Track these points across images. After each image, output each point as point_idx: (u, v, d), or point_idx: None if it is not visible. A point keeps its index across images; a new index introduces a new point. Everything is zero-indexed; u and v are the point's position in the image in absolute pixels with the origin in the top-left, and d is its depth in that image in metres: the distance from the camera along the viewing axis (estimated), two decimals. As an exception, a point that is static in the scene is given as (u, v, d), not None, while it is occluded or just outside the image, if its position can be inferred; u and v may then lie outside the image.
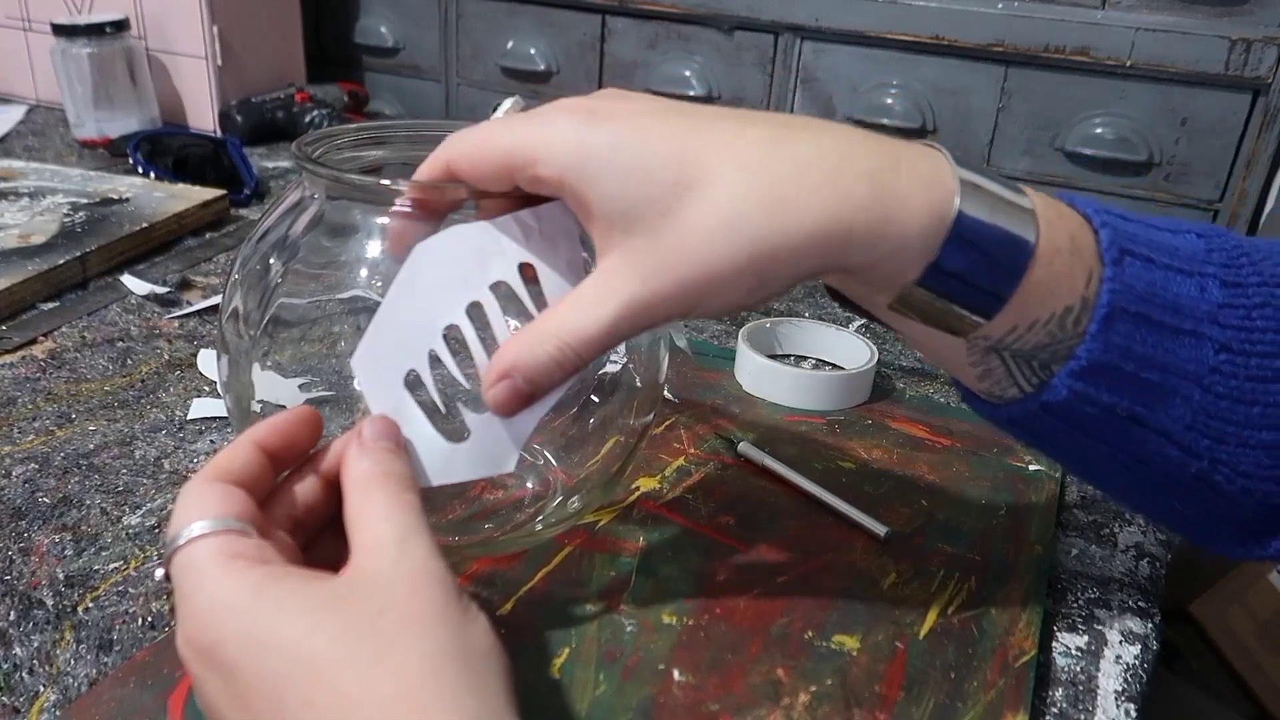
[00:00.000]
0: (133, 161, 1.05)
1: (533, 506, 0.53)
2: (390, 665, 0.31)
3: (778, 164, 0.36)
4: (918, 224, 0.36)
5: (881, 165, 0.37)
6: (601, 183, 0.36)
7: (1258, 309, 0.40)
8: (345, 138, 0.48)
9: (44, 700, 0.48)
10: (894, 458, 0.62)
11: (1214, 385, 0.39)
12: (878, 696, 0.43)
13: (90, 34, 1.12)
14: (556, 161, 0.37)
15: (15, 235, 0.83)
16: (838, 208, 0.36)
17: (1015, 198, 0.38)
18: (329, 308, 0.47)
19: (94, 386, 0.66)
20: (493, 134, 0.39)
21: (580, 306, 0.38)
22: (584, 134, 0.37)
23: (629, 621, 0.47)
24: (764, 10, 1.09)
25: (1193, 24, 0.92)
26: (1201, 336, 0.39)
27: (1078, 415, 0.40)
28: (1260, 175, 0.94)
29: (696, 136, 0.37)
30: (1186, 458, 0.40)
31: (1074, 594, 0.52)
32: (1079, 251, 0.38)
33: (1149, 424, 0.40)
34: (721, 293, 0.37)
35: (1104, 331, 0.38)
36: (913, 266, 0.37)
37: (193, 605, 0.33)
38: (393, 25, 1.34)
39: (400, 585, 0.33)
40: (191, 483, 0.37)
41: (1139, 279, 0.38)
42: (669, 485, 0.57)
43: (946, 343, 0.40)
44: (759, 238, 0.35)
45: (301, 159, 0.44)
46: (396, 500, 0.36)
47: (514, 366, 0.38)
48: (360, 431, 0.38)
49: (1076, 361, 0.38)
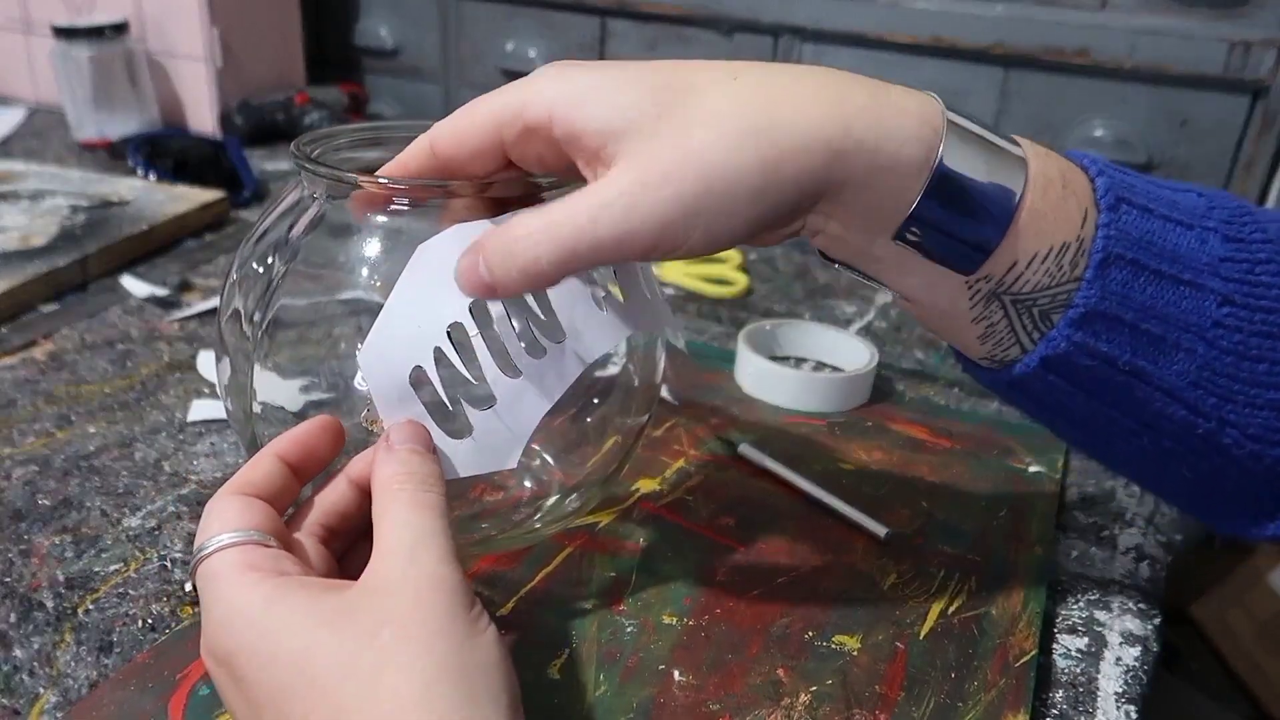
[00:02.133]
0: (133, 163, 1.05)
1: (531, 506, 0.53)
2: (387, 681, 0.31)
3: (771, 74, 0.37)
4: (913, 130, 0.36)
5: (873, 84, 0.38)
6: (591, 104, 0.36)
7: (1261, 265, 0.39)
8: (344, 138, 0.49)
9: (44, 702, 0.48)
10: (894, 459, 0.62)
11: (1218, 340, 0.39)
12: (878, 696, 0.43)
13: (90, 36, 1.11)
14: (543, 100, 0.37)
15: (15, 237, 0.83)
16: (837, 108, 0.36)
17: (1002, 141, 0.38)
18: (329, 309, 0.47)
19: (94, 388, 0.66)
20: (474, 105, 0.39)
21: (563, 200, 0.37)
22: (573, 70, 0.37)
23: (629, 622, 0.47)
24: (764, 12, 1.09)
25: (1192, 26, 0.92)
26: (1203, 288, 0.38)
27: (1079, 371, 0.39)
28: (1260, 177, 0.94)
29: (685, 66, 0.38)
30: (1193, 417, 0.40)
31: (1074, 596, 0.52)
32: (1072, 188, 0.38)
33: (1152, 379, 0.39)
34: (719, 196, 0.35)
35: (1100, 277, 0.38)
36: (912, 180, 0.37)
37: (213, 615, 0.34)
38: (392, 27, 1.34)
39: (405, 596, 0.33)
40: (215, 497, 0.37)
41: (1135, 226, 0.38)
42: (669, 486, 0.57)
43: (947, 295, 0.39)
44: (759, 130, 0.35)
45: (300, 159, 0.44)
46: (417, 501, 0.36)
47: (481, 246, 0.38)
48: (388, 435, 0.39)
49: (1074, 310, 0.38)
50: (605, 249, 0.36)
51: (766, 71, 0.37)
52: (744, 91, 0.36)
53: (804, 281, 0.90)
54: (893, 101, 0.37)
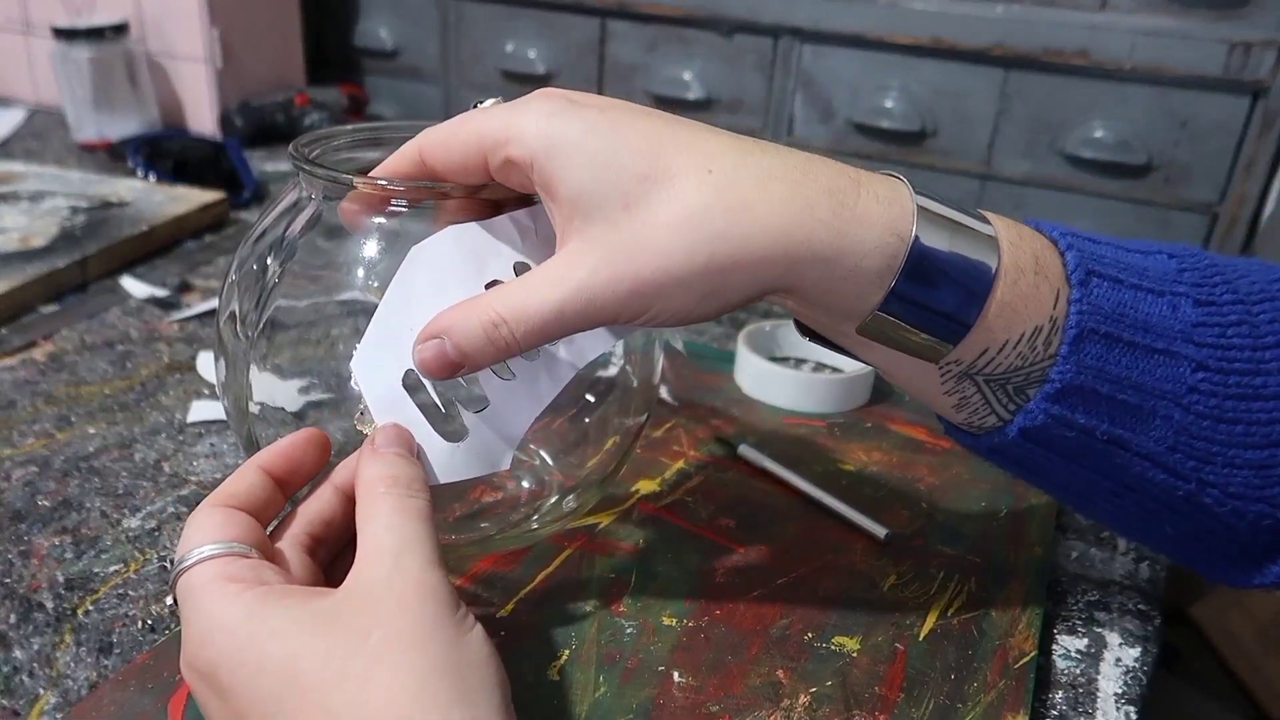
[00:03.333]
0: (132, 164, 1.05)
1: (529, 506, 0.53)
2: (379, 682, 0.31)
3: (744, 172, 0.36)
4: (875, 241, 0.36)
5: (842, 185, 0.37)
6: (569, 167, 0.36)
7: (1233, 326, 0.39)
8: (342, 139, 0.49)
9: (44, 703, 0.48)
10: (894, 460, 0.62)
11: (1194, 405, 0.39)
12: (878, 698, 0.43)
13: (90, 37, 1.12)
14: (528, 142, 0.37)
15: (15, 238, 0.83)
16: (799, 219, 0.36)
17: (975, 223, 0.38)
18: (327, 309, 0.47)
19: (94, 389, 0.66)
20: (466, 120, 0.39)
21: (527, 287, 0.37)
22: (558, 119, 0.37)
23: (629, 623, 0.47)
24: (763, 13, 1.09)
25: (1192, 27, 0.92)
26: (1176, 355, 0.39)
27: (1058, 440, 0.39)
28: (1260, 178, 0.94)
29: (669, 136, 0.37)
30: (1173, 480, 0.40)
31: (1074, 597, 0.52)
32: (1044, 271, 0.38)
33: (1131, 447, 0.39)
34: (674, 295, 0.36)
35: (1075, 353, 0.38)
36: (874, 289, 0.37)
37: (193, 628, 0.34)
38: (392, 28, 1.34)
39: (390, 600, 0.33)
40: (197, 510, 0.37)
41: (1107, 299, 0.38)
42: (669, 487, 0.57)
43: (919, 371, 0.40)
44: (720, 237, 0.36)
45: (298, 160, 0.44)
46: (401, 506, 0.36)
47: (446, 330, 0.38)
48: (373, 439, 0.39)
49: (1050, 385, 0.38)
50: (572, 328, 0.37)
51: (741, 163, 0.37)
52: (714, 190, 0.36)
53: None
54: (860, 211, 0.36)
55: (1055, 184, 1.03)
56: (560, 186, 0.36)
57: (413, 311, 0.39)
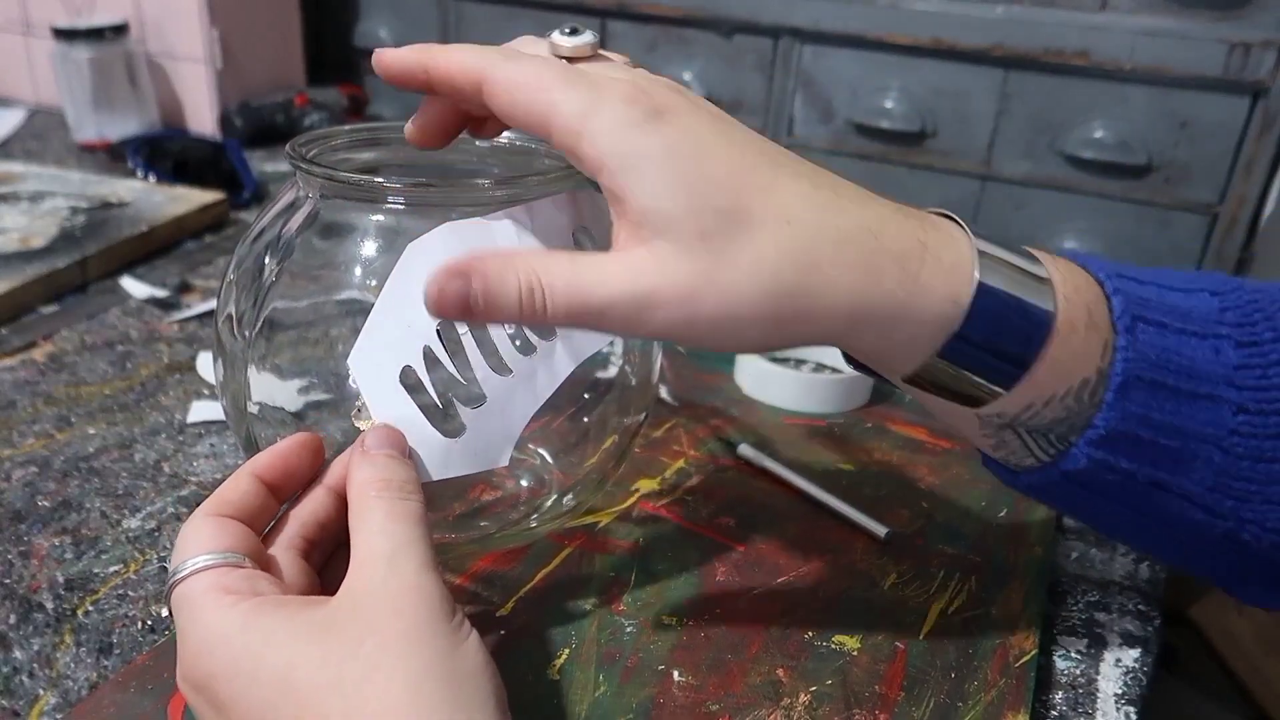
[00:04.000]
0: (132, 165, 1.05)
1: (528, 505, 0.53)
2: (374, 689, 0.31)
3: (822, 231, 0.36)
4: (935, 310, 0.37)
5: (910, 249, 0.37)
6: (647, 182, 0.35)
7: (1274, 366, 0.39)
8: (340, 139, 0.49)
9: (43, 703, 0.48)
10: (894, 460, 0.62)
11: (1234, 447, 0.39)
12: (878, 696, 0.43)
13: (90, 38, 1.12)
14: (602, 146, 0.35)
15: (15, 238, 0.83)
16: (866, 287, 0.36)
17: (1033, 267, 0.38)
18: (325, 309, 0.47)
19: (94, 390, 0.66)
20: (545, 83, 0.36)
21: (580, 269, 0.36)
22: (639, 130, 0.35)
23: (629, 622, 0.47)
24: (763, 13, 1.09)
25: (1192, 27, 0.92)
26: (1218, 399, 0.39)
27: (1099, 482, 0.39)
28: (1260, 178, 0.94)
29: (752, 175, 0.36)
30: (1212, 519, 0.40)
31: (1074, 597, 0.52)
32: (1095, 325, 0.38)
33: (1171, 488, 0.39)
34: (727, 332, 0.36)
35: (1120, 400, 0.38)
36: (925, 350, 0.37)
37: (189, 641, 0.34)
38: (392, 28, 1.34)
39: (385, 606, 0.33)
40: (190, 519, 0.37)
41: (1152, 346, 0.38)
42: (669, 487, 0.57)
43: (961, 415, 0.40)
44: (789, 293, 0.35)
45: (296, 159, 0.44)
46: (394, 509, 0.36)
47: (480, 272, 0.35)
48: (363, 440, 0.38)
49: (1095, 430, 0.38)
50: (606, 328, 0.36)
51: (820, 220, 0.36)
52: (790, 245, 0.35)
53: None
54: (924, 281, 0.36)
55: (1055, 184, 1.03)
56: (632, 200, 0.35)
57: (410, 308, 0.39)
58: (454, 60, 0.37)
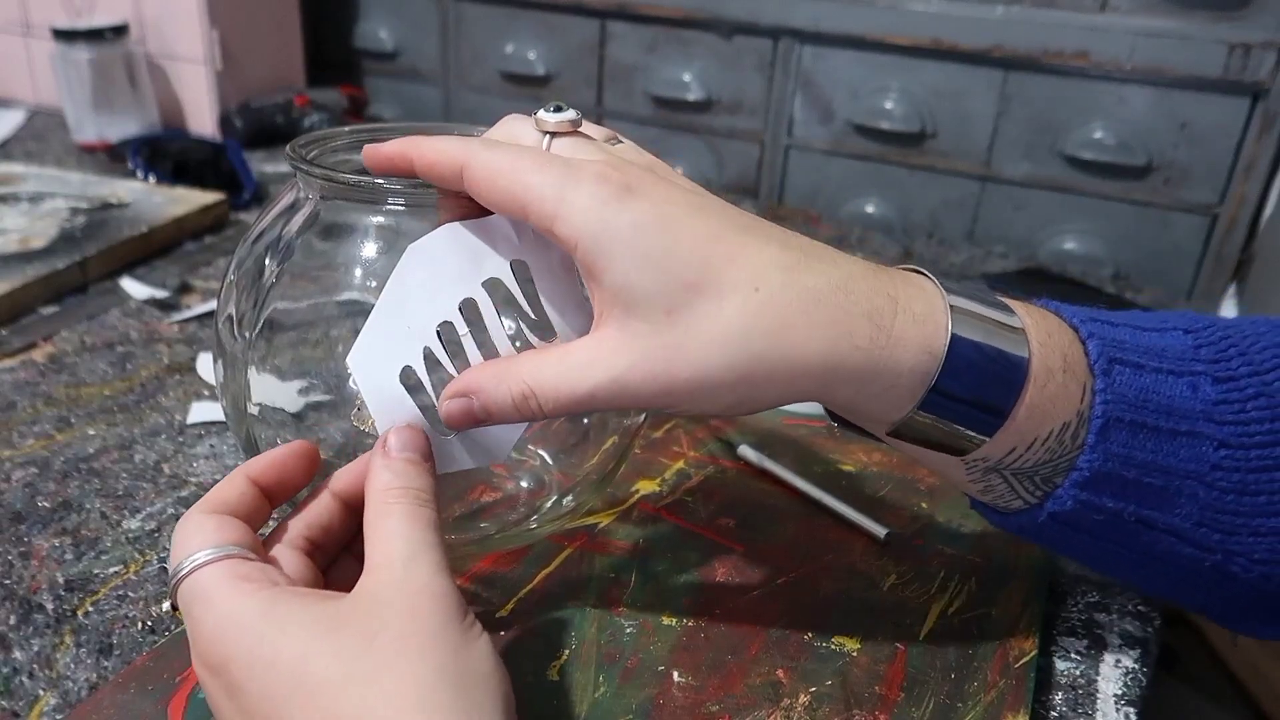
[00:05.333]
0: (132, 166, 1.05)
1: (528, 506, 0.53)
2: (384, 687, 0.31)
3: (789, 293, 0.37)
4: (910, 362, 0.37)
5: (881, 307, 0.38)
6: (616, 261, 0.36)
7: (1251, 400, 0.40)
8: (339, 140, 0.49)
9: (43, 704, 0.48)
10: (894, 461, 0.62)
11: (1217, 481, 0.40)
12: (878, 697, 0.43)
13: (90, 39, 1.12)
14: (576, 225, 0.36)
15: (15, 239, 0.84)
16: (837, 345, 0.37)
17: (1005, 318, 0.39)
18: (325, 310, 0.47)
19: (94, 390, 0.66)
20: (520, 167, 0.38)
21: (563, 366, 0.38)
22: (609, 209, 0.36)
23: (629, 623, 0.47)
24: (763, 14, 1.09)
25: (1192, 28, 0.92)
26: (1199, 435, 0.40)
27: (1086, 522, 0.40)
28: (1259, 179, 0.94)
29: (720, 246, 0.37)
30: (1200, 553, 0.41)
31: (1074, 598, 0.52)
32: (1071, 369, 0.39)
33: (1158, 525, 0.40)
34: (705, 399, 0.38)
35: (1101, 442, 0.39)
36: (905, 402, 0.38)
37: (203, 627, 0.34)
38: (392, 29, 1.34)
39: (400, 605, 0.33)
40: (187, 516, 0.37)
41: (1130, 386, 0.39)
42: (669, 488, 0.57)
43: (946, 465, 0.41)
44: (758, 357, 0.37)
45: (295, 160, 0.44)
46: (412, 515, 0.36)
47: (476, 391, 0.39)
48: (385, 442, 0.39)
49: (1079, 473, 0.39)
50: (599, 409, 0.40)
51: (788, 283, 0.37)
52: (758, 310, 0.36)
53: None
54: (896, 334, 0.37)
55: (1055, 185, 1.03)
56: (604, 277, 0.37)
57: (409, 309, 0.39)
58: (437, 149, 0.39)
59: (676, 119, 1.19)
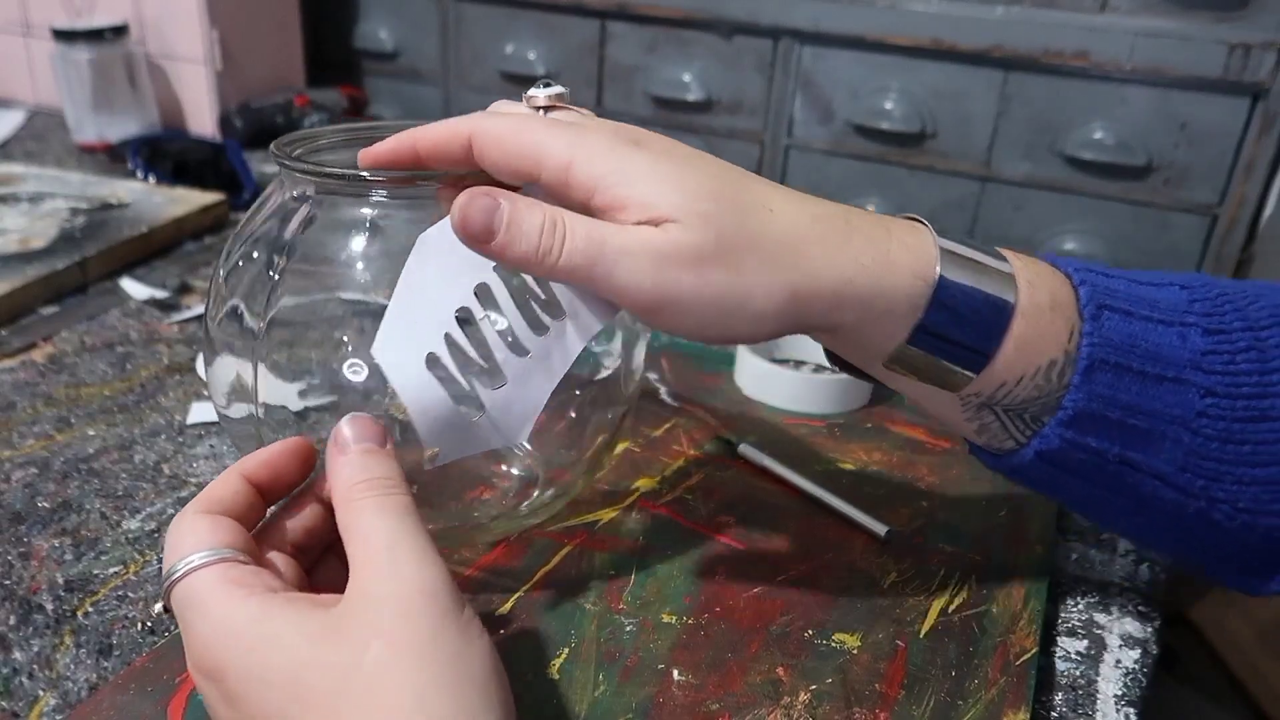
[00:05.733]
0: (132, 166, 1.05)
1: (516, 495, 0.53)
2: (380, 700, 0.31)
3: (800, 216, 0.39)
4: (905, 287, 0.39)
5: (877, 234, 0.40)
6: (638, 186, 0.37)
7: (1241, 353, 0.41)
8: (324, 139, 0.49)
9: (43, 705, 0.48)
10: (894, 460, 0.62)
11: (1202, 428, 0.41)
12: (878, 695, 0.43)
13: (90, 39, 1.12)
14: (594, 166, 0.37)
15: (15, 240, 0.84)
16: (845, 264, 0.38)
17: (995, 263, 0.40)
18: (313, 307, 0.48)
19: (93, 391, 0.66)
20: (528, 127, 0.39)
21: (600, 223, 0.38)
22: (624, 149, 0.38)
23: (629, 621, 0.47)
24: (763, 15, 1.09)
25: (1192, 28, 0.92)
26: (1185, 383, 0.40)
27: (1073, 462, 0.41)
28: (1259, 180, 0.94)
29: (729, 175, 0.39)
30: (1183, 498, 0.42)
31: (1074, 598, 0.52)
32: (1059, 307, 0.40)
33: (1142, 467, 0.41)
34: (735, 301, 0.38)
35: (1086, 382, 0.40)
36: (901, 328, 0.39)
37: (197, 633, 0.34)
38: (392, 29, 1.34)
39: (390, 609, 0.33)
40: (181, 516, 0.37)
41: (1118, 331, 0.40)
42: (669, 485, 0.57)
43: (943, 400, 0.42)
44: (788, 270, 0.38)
45: (280, 157, 0.45)
46: (382, 506, 0.36)
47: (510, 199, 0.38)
48: (337, 436, 0.38)
49: (1064, 412, 0.40)
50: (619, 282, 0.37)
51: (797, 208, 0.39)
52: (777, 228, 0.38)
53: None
54: (892, 258, 0.39)
55: (1055, 185, 1.03)
56: (631, 205, 0.37)
57: (427, 297, 0.40)
58: (440, 128, 0.40)
59: (676, 119, 1.19)
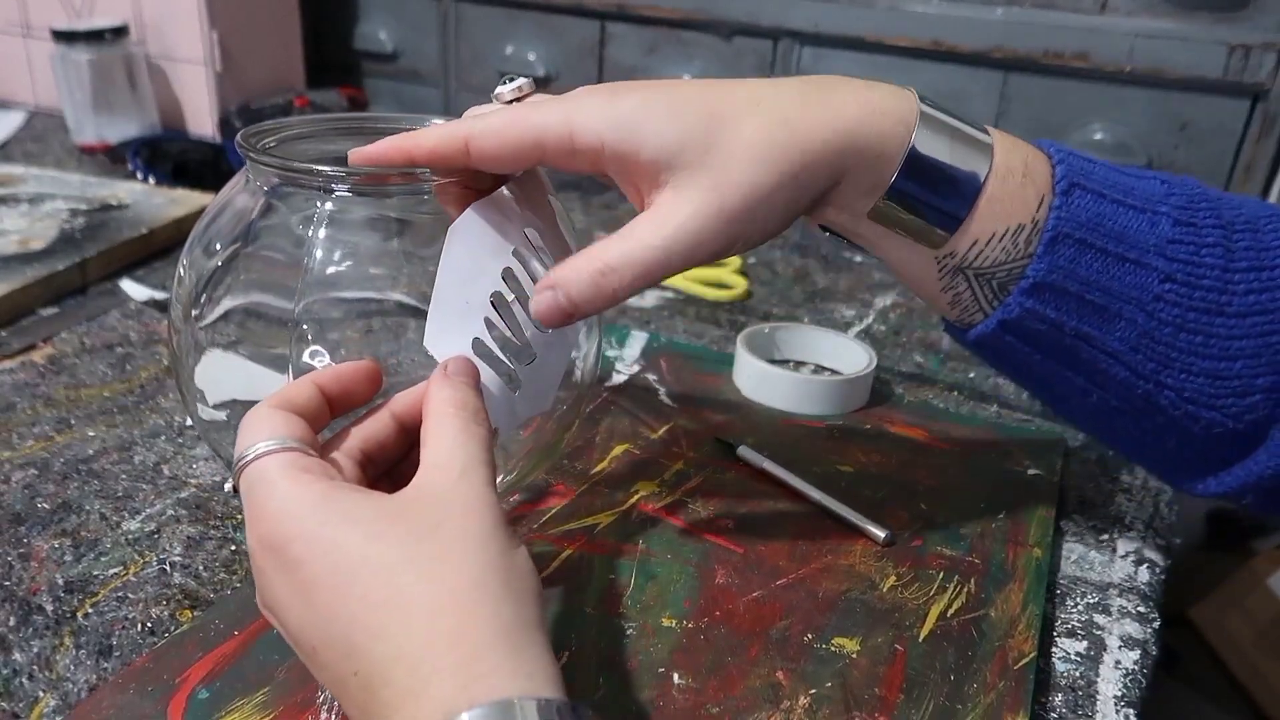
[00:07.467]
0: (132, 167, 1.05)
1: None
2: (443, 570, 0.34)
3: (784, 96, 0.42)
4: (890, 131, 0.42)
5: (858, 85, 0.43)
6: (643, 129, 0.40)
7: (1207, 248, 0.43)
8: (291, 130, 0.50)
9: (43, 706, 0.48)
10: (893, 462, 0.62)
11: (1157, 312, 0.43)
12: (877, 699, 0.43)
13: (90, 40, 1.11)
14: (594, 127, 0.41)
15: (15, 241, 0.83)
16: (835, 121, 0.42)
17: (972, 130, 0.44)
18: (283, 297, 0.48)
19: (93, 392, 0.66)
20: (521, 114, 0.41)
21: (634, 236, 0.41)
22: (614, 101, 0.41)
23: (629, 625, 0.47)
24: (763, 16, 1.09)
25: (1191, 29, 0.92)
26: (1146, 266, 0.43)
27: (1032, 333, 0.44)
28: (1259, 181, 0.94)
29: (711, 91, 0.42)
30: (1133, 378, 0.44)
31: (1073, 599, 0.52)
32: (1031, 176, 0.43)
33: (1096, 343, 0.44)
34: (765, 215, 0.41)
35: (1049, 253, 0.43)
36: (888, 172, 0.42)
37: (265, 510, 0.36)
38: (392, 30, 1.34)
39: (457, 504, 0.36)
40: (255, 410, 0.39)
41: (1085, 210, 0.43)
42: (668, 489, 0.57)
43: (921, 268, 0.45)
44: (784, 149, 0.41)
45: (246, 149, 0.45)
46: (468, 430, 0.39)
47: (560, 283, 0.41)
48: (445, 366, 0.42)
49: (1025, 280, 0.43)
50: (674, 270, 0.41)
51: (778, 92, 0.42)
52: (767, 115, 0.41)
53: (803, 285, 0.90)
54: (876, 106, 0.42)
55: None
56: (642, 151, 0.41)
57: (465, 287, 0.42)
58: (437, 135, 0.42)
59: (676, 120, 1.19)
